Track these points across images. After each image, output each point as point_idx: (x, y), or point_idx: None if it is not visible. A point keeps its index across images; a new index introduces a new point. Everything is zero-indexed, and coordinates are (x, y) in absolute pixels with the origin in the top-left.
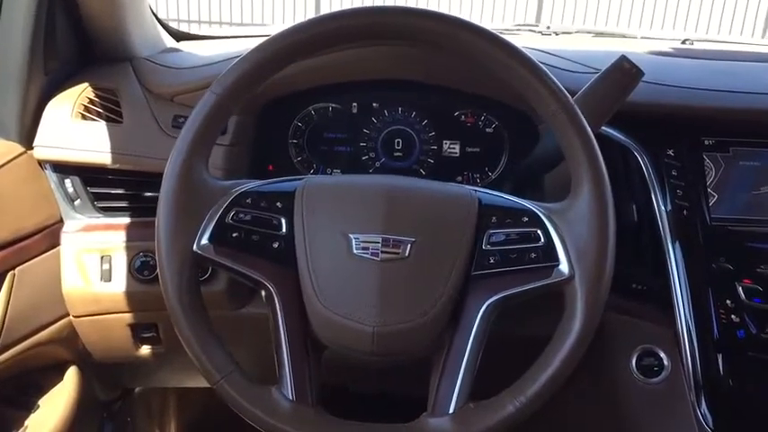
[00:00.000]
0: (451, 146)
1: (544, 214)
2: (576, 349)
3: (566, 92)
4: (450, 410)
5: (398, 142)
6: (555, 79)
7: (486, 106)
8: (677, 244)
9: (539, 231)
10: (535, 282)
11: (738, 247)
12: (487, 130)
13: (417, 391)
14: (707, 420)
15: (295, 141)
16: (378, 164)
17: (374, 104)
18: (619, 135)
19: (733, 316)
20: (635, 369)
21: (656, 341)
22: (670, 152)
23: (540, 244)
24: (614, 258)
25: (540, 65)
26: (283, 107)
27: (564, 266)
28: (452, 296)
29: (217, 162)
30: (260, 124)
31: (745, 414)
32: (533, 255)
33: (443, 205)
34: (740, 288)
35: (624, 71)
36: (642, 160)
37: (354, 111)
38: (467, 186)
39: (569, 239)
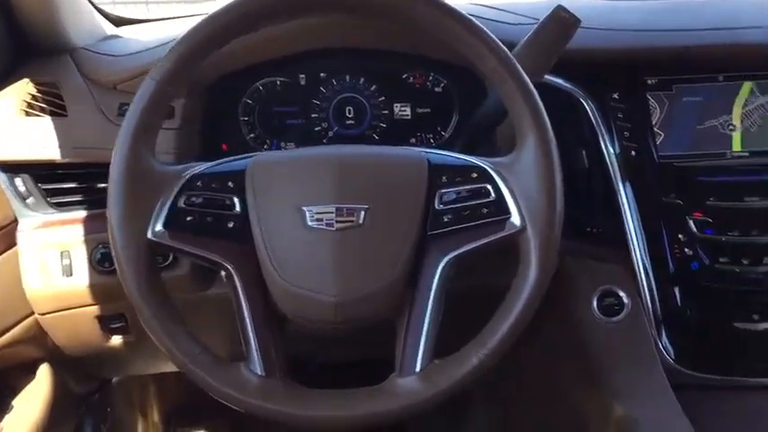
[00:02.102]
0: (402, 109)
1: (492, 169)
2: (533, 297)
3: (503, 47)
4: (417, 369)
5: (349, 110)
6: (492, 35)
7: (433, 66)
8: (627, 184)
9: (488, 186)
10: (489, 236)
11: (687, 182)
12: (436, 89)
13: (385, 354)
14: (668, 352)
15: (246, 119)
16: (331, 133)
17: (321, 74)
18: (563, 83)
19: (686, 249)
20: (597, 310)
21: (614, 281)
22: (615, 95)
23: (490, 199)
24: (563, 206)
25: (476, 22)
26: (230, 85)
27: (515, 218)
28: (410, 258)
29: (167, 146)
30: (209, 104)
31: (703, 342)
32: (485, 210)
33: (394, 169)
34: (691, 222)
35: (561, 20)
36: (588, 106)
37: (302, 83)
38: (415, 149)
39: (518, 192)
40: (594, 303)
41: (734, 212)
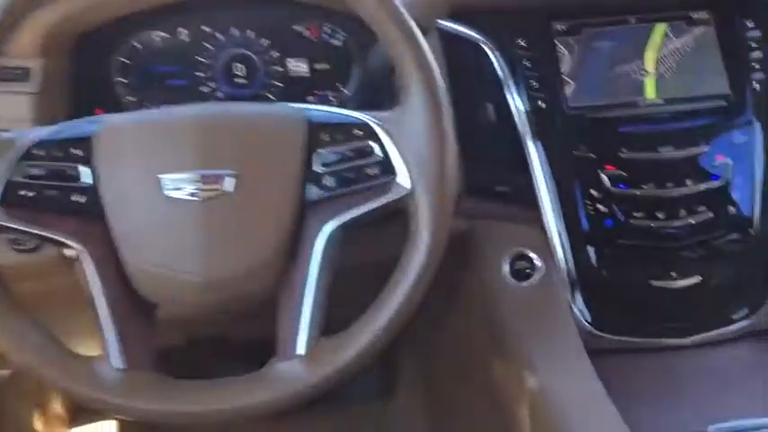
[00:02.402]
0: (297, 64)
1: (378, 124)
2: (425, 268)
3: None
4: (301, 351)
5: (239, 68)
6: None
7: (328, 17)
8: (536, 138)
9: (374, 144)
10: (375, 200)
11: (598, 133)
12: (334, 43)
13: (268, 335)
14: (584, 315)
15: (122, 80)
16: (220, 94)
17: (204, 28)
18: (465, 30)
19: (600, 205)
20: (507, 275)
21: (526, 243)
22: (521, 42)
23: (376, 158)
24: (456, 164)
25: None
26: (100, 42)
27: (403, 179)
28: (286, 229)
29: (22, 114)
30: (76, 65)
31: (620, 303)
32: (371, 171)
33: (267, 129)
34: (604, 176)
35: None
36: (493, 54)
37: (184, 38)
38: (293, 105)
39: (406, 149)
40: (505, 268)
41: (648, 164)
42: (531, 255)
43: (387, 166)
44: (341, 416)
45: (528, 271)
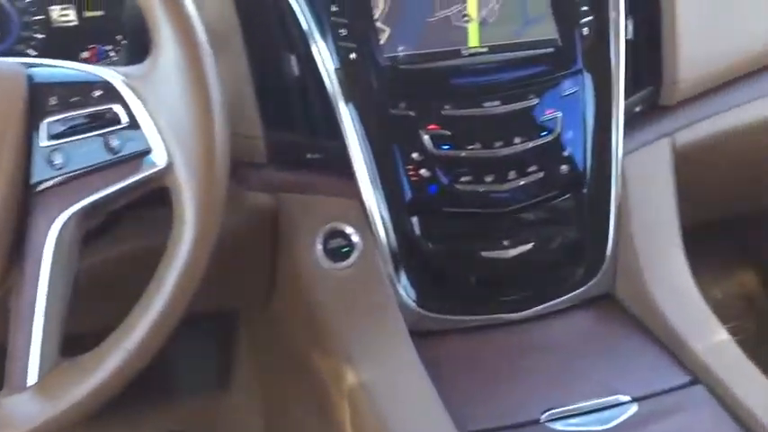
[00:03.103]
0: (63, 13)
1: (124, 82)
2: (192, 264)
3: None
4: (32, 380)
5: None
6: None
7: None
8: (348, 97)
9: (118, 108)
10: (121, 180)
11: (418, 88)
12: None
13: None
14: (409, 294)
15: None
16: None
17: None
18: None
19: (423, 170)
20: (322, 255)
21: (342, 217)
22: None
23: (121, 125)
24: (226, 130)
25: None
26: None
27: (158, 153)
28: (8, 220)
29: None
30: None
31: (449, 278)
32: (115, 143)
33: None
34: (426, 136)
35: None
36: None
37: None
38: (11, 60)
39: (159, 113)
40: (318, 247)
41: (473, 121)
42: (348, 230)
43: (135, 137)
44: (170, 411)
45: (345, 249)
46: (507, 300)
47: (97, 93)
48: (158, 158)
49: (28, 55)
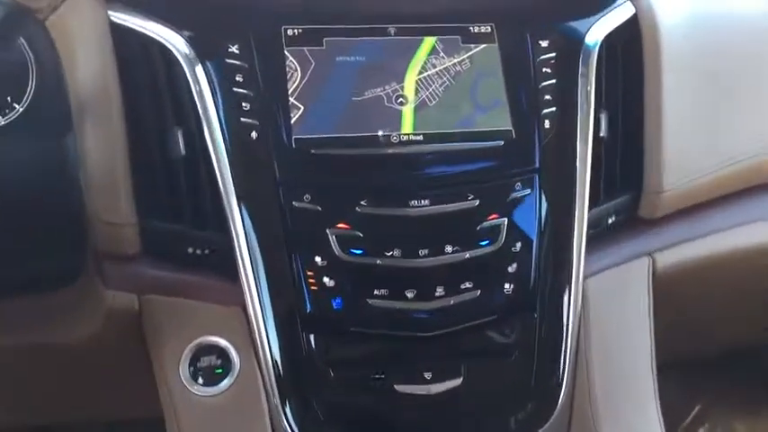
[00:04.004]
0: None
1: None
2: None
3: None
4: None
5: None
6: None
7: None
8: (241, 183)
9: None
10: None
11: (330, 177)
12: None
13: None
14: None
15: None
16: None
17: None
18: (144, 26)
19: (326, 278)
20: (188, 376)
21: (219, 329)
22: (233, 49)
23: None
24: None
25: None
26: None
27: None
28: None
29: None
30: None
31: (352, 416)
32: None
33: None
34: (333, 237)
35: None
36: (186, 61)
37: None
38: None
39: None
40: (185, 365)
41: (394, 222)
42: (224, 345)
43: None
44: None
45: (219, 371)
46: None
47: None
48: None
49: None
